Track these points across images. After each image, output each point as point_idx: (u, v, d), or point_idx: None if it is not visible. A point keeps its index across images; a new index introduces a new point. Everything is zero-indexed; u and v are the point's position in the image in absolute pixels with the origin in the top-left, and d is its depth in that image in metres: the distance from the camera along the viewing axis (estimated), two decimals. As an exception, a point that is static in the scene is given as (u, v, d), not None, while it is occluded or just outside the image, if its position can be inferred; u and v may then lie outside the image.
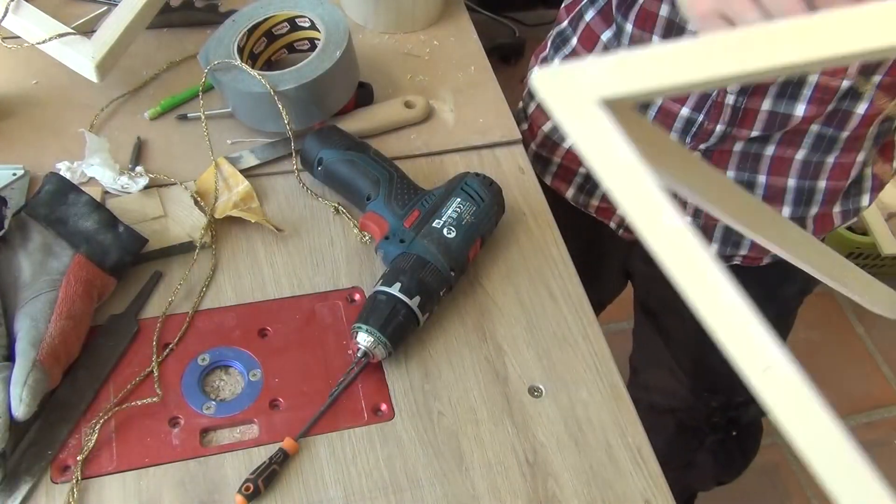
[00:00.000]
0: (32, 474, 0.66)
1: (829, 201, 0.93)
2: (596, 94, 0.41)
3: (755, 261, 0.99)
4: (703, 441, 1.24)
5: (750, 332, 0.40)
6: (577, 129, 0.41)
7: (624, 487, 0.70)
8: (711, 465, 0.75)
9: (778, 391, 0.39)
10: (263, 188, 0.88)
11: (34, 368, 0.66)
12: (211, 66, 0.89)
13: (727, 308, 0.41)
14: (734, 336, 0.41)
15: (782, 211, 0.93)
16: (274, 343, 0.76)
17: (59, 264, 0.73)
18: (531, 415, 0.74)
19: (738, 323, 0.40)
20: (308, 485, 0.68)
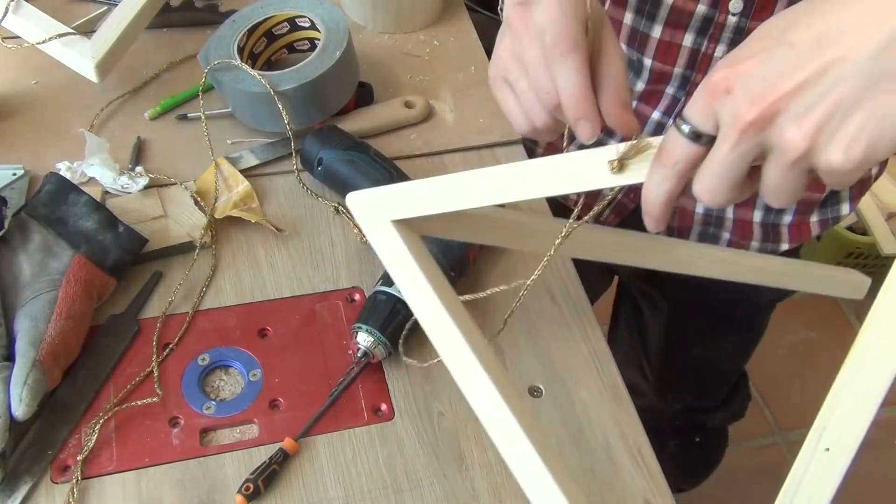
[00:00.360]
0: (32, 474, 0.66)
1: (803, 211, 0.92)
2: (389, 215, 0.57)
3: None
4: (665, 445, 1.24)
5: (504, 414, 0.54)
6: (376, 243, 0.57)
7: (624, 487, 0.70)
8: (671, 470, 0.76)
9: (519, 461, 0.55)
10: (263, 188, 0.88)
11: (34, 368, 0.66)
12: (211, 66, 0.89)
13: (486, 394, 0.54)
14: (490, 417, 0.55)
15: (753, 215, 0.93)
16: (274, 343, 0.76)
17: (59, 264, 0.73)
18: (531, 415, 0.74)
19: (495, 408, 0.54)
20: (308, 485, 0.68)
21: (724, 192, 0.45)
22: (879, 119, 0.40)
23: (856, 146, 0.40)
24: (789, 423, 1.83)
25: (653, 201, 0.48)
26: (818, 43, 0.41)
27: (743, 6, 0.77)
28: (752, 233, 0.93)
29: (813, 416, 0.48)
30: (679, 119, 0.46)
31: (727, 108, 0.43)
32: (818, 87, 0.40)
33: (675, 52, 0.84)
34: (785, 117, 0.41)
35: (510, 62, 0.57)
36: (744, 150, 0.43)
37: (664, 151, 0.47)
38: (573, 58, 0.52)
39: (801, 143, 0.41)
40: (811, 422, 0.77)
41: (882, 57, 0.39)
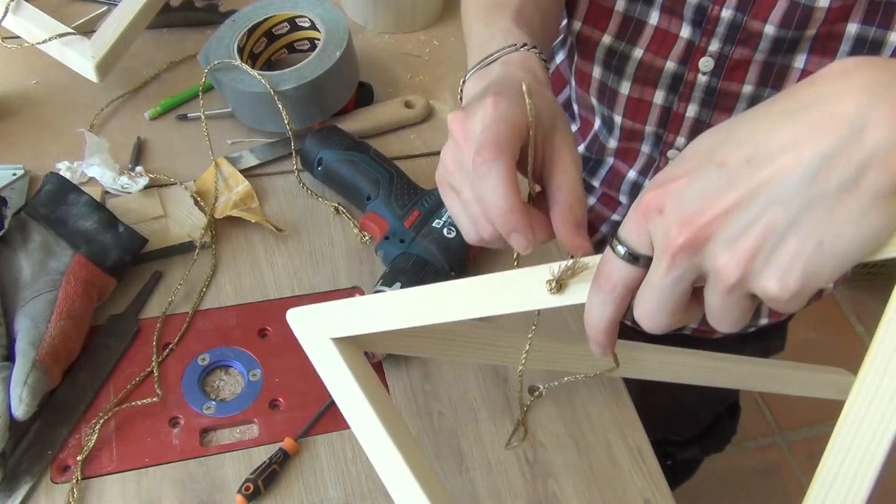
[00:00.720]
0: (32, 474, 0.66)
1: None
2: (328, 332, 0.57)
3: (706, 333, 0.96)
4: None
5: None
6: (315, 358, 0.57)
7: (624, 487, 0.70)
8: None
9: None
10: (263, 188, 0.88)
11: (34, 368, 0.66)
12: (211, 66, 0.89)
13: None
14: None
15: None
16: (274, 343, 0.76)
17: (59, 264, 0.73)
18: (531, 415, 0.74)
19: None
20: (308, 485, 0.68)
21: (665, 316, 0.43)
22: (815, 245, 0.37)
23: (791, 274, 0.38)
24: (789, 424, 1.83)
25: (594, 327, 0.46)
26: (748, 163, 0.38)
27: (713, 66, 0.75)
28: None
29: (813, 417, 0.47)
30: (614, 240, 0.43)
31: (659, 229, 0.41)
32: (750, 209, 0.38)
33: (645, 109, 0.82)
34: (717, 241, 0.39)
35: (452, 167, 0.54)
36: (678, 275, 0.41)
37: (602, 274, 0.44)
38: (497, 165, 0.49)
39: (734, 269, 0.39)
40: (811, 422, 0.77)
41: (815, 180, 0.37)
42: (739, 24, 0.72)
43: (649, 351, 0.72)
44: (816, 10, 0.69)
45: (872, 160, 0.36)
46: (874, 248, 0.38)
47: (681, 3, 0.74)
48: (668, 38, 0.77)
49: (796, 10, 0.69)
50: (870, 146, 0.36)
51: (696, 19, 0.74)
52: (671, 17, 0.76)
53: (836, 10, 0.68)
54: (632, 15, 0.78)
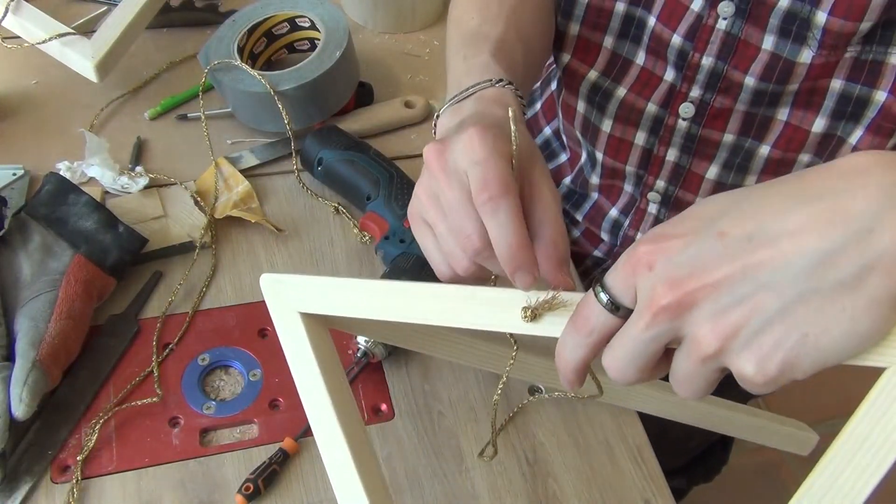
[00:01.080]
0: (32, 474, 0.66)
1: None
2: (297, 306, 0.56)
3: None
4: None
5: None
6: (280, 330, 0.57)
7: (624, 487, 0.70)
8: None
9: None
10: (263, 188, 0.88)
11: (34, 368, 0.66)
12: (211, 66, 0.89)
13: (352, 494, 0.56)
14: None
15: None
16: (274, 343, 0.76)
17: (59, 264, 0.73)
18: (531, 415, 0.74)
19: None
20: (308, 485, 0.68)
21: (633, 371, 0.42)
22: (799, 336, 0.37)
23: (770, 361, 0.37)
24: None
25: (565, 366, 0.45)
26: (749, 240, 0.38)
27: (694, 112, 0.75)
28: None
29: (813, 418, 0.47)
30: (598, 286, 0.43)
31: (646, 284, 0.40)
32: (741, 286, 0.38)
33: (626, 149, 0.81)
34: (701, 310, 0.38)
35: (428, 202, 0.53)
36: (655, 334, 0.40)
37: (580, 318, 0.44)
38: (506, 202, 0.48)
39: (712, 342, 0.38)
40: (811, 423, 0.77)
41: (814, 273, 0.36)
42: (720, 73, 0.72)
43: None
44: (798, 65, 0.68)
45: (877, 264, 0.36)
46: (857, 352, 0.37)
47: (664, 46, 0.73)
48: (653, 80, 0.77)
49: (777, 63, 0.68)
50: (876, 249, 0.36)
51: (679, 63, 0.73)
52: (657, 59, 0.75)
53: (819, 67, 0.67)
54: (620, 52, 0.77)
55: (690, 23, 0.71)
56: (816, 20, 0.64)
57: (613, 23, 0.76)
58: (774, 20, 0.67)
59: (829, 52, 0.66)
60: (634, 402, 0.73)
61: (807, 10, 0.65)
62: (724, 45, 0.70)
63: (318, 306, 0.56)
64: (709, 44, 0.70)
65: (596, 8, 0.75)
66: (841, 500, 0.39)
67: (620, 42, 0.77)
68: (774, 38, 0.68)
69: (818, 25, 0.64)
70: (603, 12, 0.75)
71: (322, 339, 0.58)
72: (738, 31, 0.69)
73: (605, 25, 0.76)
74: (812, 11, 0.64)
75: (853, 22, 0.63)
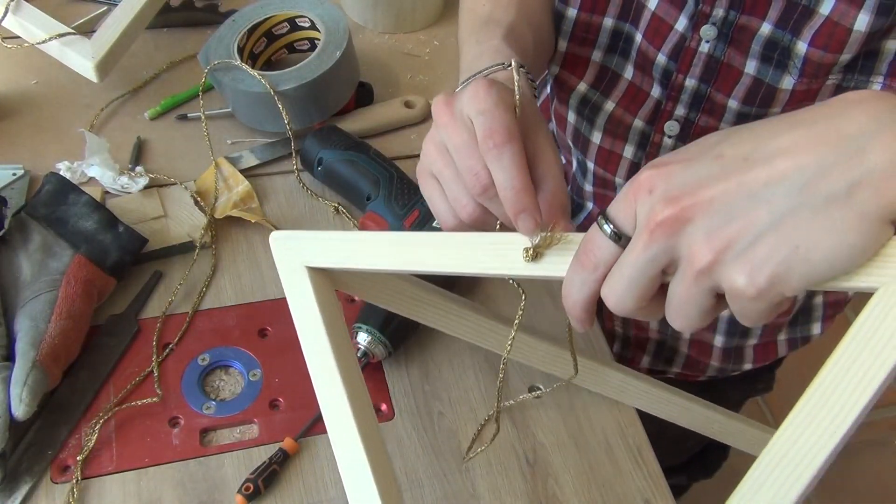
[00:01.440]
0: (32, 474, 0.66)
1: (769, 334, 0.89)
2: (304, 261, 0.57)
3: (690, 377, 0.95)
4: None
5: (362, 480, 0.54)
6: (286, 283, 0.58)
7: (624, 487, 0.70)
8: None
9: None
10: (263, 188, 0.88)
11: (34, 368, 0.66)
12: (211, 66, 0.89)
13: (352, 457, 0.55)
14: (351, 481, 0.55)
15: (714, 340, 0.89)
16: (274, 343, 0.76)
17: (59, 264, 0.73)
18: (531, 415, 0.74)
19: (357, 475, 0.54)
20: (308, 485, 0.68)
21: (631, 299, 0.43)
22: (791, 248, 0.38)
23: (760, 273, 0.38)
24: (789, 424, 1.83)
25: (573, 304, 0.46)
26: (745, 159, 0.39)
27: (679, 130, 0.75)
28: (710, 353, 0.90)
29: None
30: (601, 218, 0.44)
31: (645, 207, 0.41)
32: (736, 203, 0.39)
33: (615, 160, 0.82)
34: (696, 226, 0.40)
35: (435, 153, 0.54)
36: (653, 254, 0.41)
37: (585, 252, 0.44)
38: (510, 148, 0.49)
39: (706, 255, 0.39)
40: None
41: (806, 187, 0.38)
42: (704, 94, 0.72)
43: (614, 373, 0.72)
44: (780, 91, 0.68)
45: (867, 180, 0.37)
46: (845, 267, 0.38)
47: (650, 63, 0.73)
48: (640, 95, 0.77)
49: (760, 88, 0.68)
50: (867, 166, 0.37)
51: (664, 82, 0.74)
52: (644, 75, 0.76)
53: (801, 93, 0.68)
54: (608, 66, 0.77)
55: (675, 43, 0.71)
56: (797, 50, 0.65)
57: (602, 38, 0.76)
58: (756, 46, 0.67)
59: (811, 80, 0.66)
60: (631, 398, 0.73)
61: (787, 39, 0.65)
62: (707, 67, 0.70)
63: (324, 259, 0.57)
64: (692, 66, 0.70)
65: (584, 23, 0.76)
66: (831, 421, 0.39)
67: (609, 56, 0.77)
68: (756, 63, 0.68)
69: (798, 55, 0.65)
70: (591, 27, 0.75)
71: (328, 297, 0.58)
72: (721, 55, 0.69)
73: (593, 40, 0.76)
74: (793, 41, 0.64)
75: (833, 54, 0.63)
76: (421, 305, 0.65)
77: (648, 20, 0.71)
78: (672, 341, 0.92)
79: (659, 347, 0.93)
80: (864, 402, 0.39)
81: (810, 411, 0.40)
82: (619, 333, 0.94)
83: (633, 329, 0.93)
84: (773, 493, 0.41)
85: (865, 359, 0.39)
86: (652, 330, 0.91)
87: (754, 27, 0.66)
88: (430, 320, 0.66)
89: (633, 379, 0.72)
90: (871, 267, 0.38)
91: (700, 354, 0.91)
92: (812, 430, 0.40)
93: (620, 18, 0.74)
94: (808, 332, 0.91)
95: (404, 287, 0.63)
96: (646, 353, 0.95)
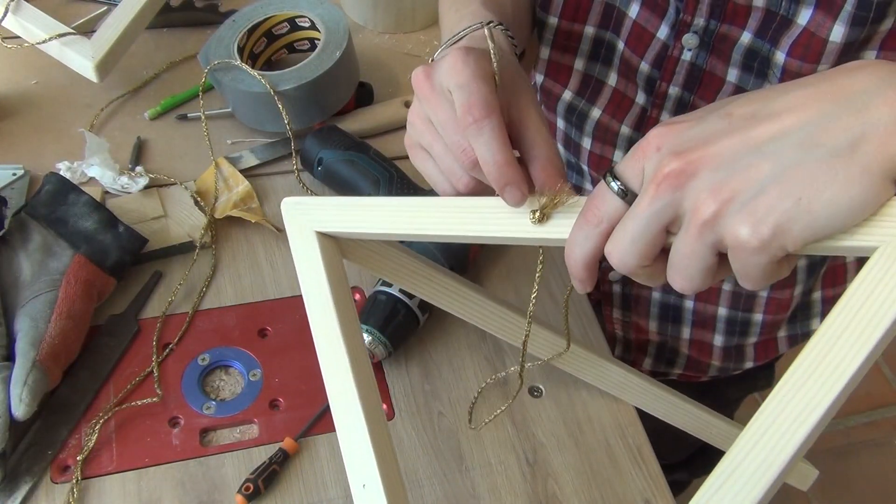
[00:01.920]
0: (32, 474, 0.66)
1: (768, 331, 0.88)
2: (313, 226, 0.58)
3: (692, 378, 0.95)
4: None
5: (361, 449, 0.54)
6: (295, 247, 0.58)
7: (624, 487, 0.70)
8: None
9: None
10: (263, 188, 0.88)
11: (34, 368, 0.66)
12: (211, 66, 0.89)
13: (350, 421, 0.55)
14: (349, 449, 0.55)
15: (714, 340, 0.88)
16: (274, 343, 0.76)
17: (59, 264, 0.73)
18: (531, 415, 0.74)
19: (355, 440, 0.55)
20: (308, 485, 0.68)
21: (634, 255, 0.43)
22: (793, 200, 0.38)
23: (764, 224, 0.39)
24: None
25: (575, 261, 0.46)
26: (752, 116, 0.40)
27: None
28: (710, 352, 0.90)
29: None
30: (608, 175, 0.44)
31: (652, 162, 0.42)
32: (741, 157, 0.39)
33: (606, 164, 0.82)
34: (701, 179, 0.40)
35: (422, 126, 0.54)
36: (658, 208, 0.41)
37: (591, 208, 0.45)
38: (488, 122, 0.49)
39: (710, 206, 0.40)
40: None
41: (810, 140, 0.38)
42: (687, 102, 0.72)
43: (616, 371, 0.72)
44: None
45: (870, 134, 0.38)
46: (847, 222, 0.38)
47: (634, 71, 0.74)
48: (625, 103, 0.77)
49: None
50: (870, 120, 0.38)
51: (648, 89, 0.74)
52: (627, 82, 0.76)
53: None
54: (591, 73, 0.77)
55: (657, 51, 0.71)
56: (776, 59, 0.65)
57: (583, 45, 0.76)
58: (737, 55, 0.67)
59: None
60: (630, 395, 0.73)
61: (766, 49, 0.65)
62: (690, 75, 0.70)
63: (334, 225, 0.57)
64: (675, 74, 0.71)
65: (565, 31, 0.75)
66: (826, 379, 0.39)
67: (591, 64, 0.77)
68: (738, 71, 0.68)
69: (777, 65, 0.65)
70: (572, 35, 0.75)
71: (335, 263, 0.58)
72: (703, 63, 0.69)
73: (575, 48, 0.76)
74: (771, 51, 0.65)
75: (810, 64, 0.63)
76: (421, 279, 0.64)
77: (630, 28, 0.71)
78: (672, 342, 0.92)
79: (660, 349, 0.93)
80: (860, 361, 0.39)
81: (808, 367, 0.40)
82: (620, 336, 0.94)
83: (633, 332, 0.93)
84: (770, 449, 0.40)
85: (863, 317, 0.39)
86: (652, 332, 0.91)
87: (735, 36, 0.66)
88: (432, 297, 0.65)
89: (634, 376, 0.72)
90: (871, 226, 0.39)
91: (701, 354, 0.91)
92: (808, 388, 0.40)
93: (601, 27, 0.74)
94: (807, 327, 0.91)
95: (407, 261, 0.63)
96: (647, 355, 0.95)
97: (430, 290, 0.65)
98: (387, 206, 0.56)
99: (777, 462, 0.40)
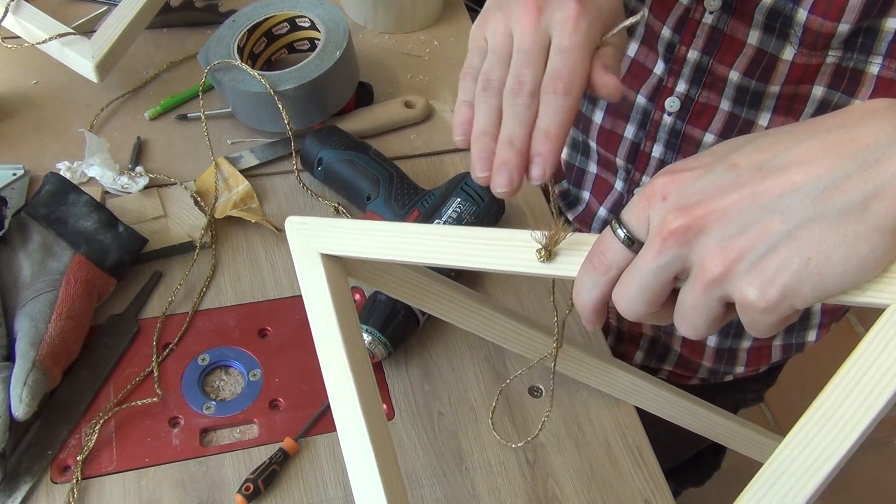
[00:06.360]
0: (32, 474, 0.66)
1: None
2: (318, 247, 0.58)
3: (682, 378, 0.95)
4: None
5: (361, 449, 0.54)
6: (299, 269, 0.58)
7: (624, 487, 0.70)
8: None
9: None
10: (263, 188, 0.88)
11: (34, 368, 0.66)
12: (211, 66, 0.89)
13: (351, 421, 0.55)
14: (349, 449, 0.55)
15: (707, 339, 0.88)
16: (274, 343, 0.76)
17: (59, 264, 0.73)
18: (531, 415, 0.74)
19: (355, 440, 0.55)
20: (308, 485, 0.68)
21: (642, 304, 0.43)
22: (803, 261, 0.37)
23: (772, 285, 0.38)
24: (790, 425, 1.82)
25: (583, 305, 0.46)
26: (760, 169, 0.39)
27: (679, 107, 0.75)
28: (703, 352, 0.90)
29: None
30: (615, 222, 0.43)
31: (658, 214, 0.41)
32: (749, 213, 0.38)
33: (616, 140, 0.82)
34: (709, 235, 0.39)
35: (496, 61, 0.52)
36: (665, 262, 0.41)
37: (597, 255, 0.44)
38: (567, 101, 0.50)
39: (718, 265, 0.39)
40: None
41: (821, 198, 0.37)
42: (705, 66, 0.72)
43: (625, 375, 0.72)
44: (781, 62, 0.68)
45: (882, 192, 0.36)
46: (857, 281, 0.38)
47: (655, 38, 0.74)
48: (643, 72, 0.77)
49: (762, 59, 0.69)
50: (882, 177, 0.37)
51: (667, 56, 0.74)
52: (648, 51, 0.76)
53: (801, 68, 0.68)
54: None
55: (679, 15, 0.71)
56: (798, 17, 0.65)
57: None
58: (759, 16, 0.67)
59: (810, 51, 0.67)
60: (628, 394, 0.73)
61: (789, 7, 0.65)
62: (710, 39, 0.71)
63: (339, 247, 0.57)
64: (695, 37, 0.71)
65: None
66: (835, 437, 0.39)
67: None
68: (759, 33, 0.68)
69: (799, 23, 0.65)
70: None
71: (339, 283, 0.59)
72: (724, 26, 0.69)
73: None
74: (794, 9, 0.65)
75: (832, 22, 0.64)
76: (429, 295, 0.65)
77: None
78: (665, 338, 0.92)
79: (652, 344, 0.94)
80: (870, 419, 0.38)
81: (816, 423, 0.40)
82: (614, 327, 0.95)
83: (627, 323, 0.93)
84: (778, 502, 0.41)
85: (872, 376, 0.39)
86: (646, 325, 0.91)
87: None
88: (438, 311, 0.66)
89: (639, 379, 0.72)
90: (883, 283, 0.38)
91: (692, 353, 0.91)
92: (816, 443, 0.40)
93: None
94: (803, 338, 0.90)
95: (414, 277, 0.63)
96: (639, 348, 0.95)
97: (438, 306, 0.66)
98: (394, 232, 0.56)
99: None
